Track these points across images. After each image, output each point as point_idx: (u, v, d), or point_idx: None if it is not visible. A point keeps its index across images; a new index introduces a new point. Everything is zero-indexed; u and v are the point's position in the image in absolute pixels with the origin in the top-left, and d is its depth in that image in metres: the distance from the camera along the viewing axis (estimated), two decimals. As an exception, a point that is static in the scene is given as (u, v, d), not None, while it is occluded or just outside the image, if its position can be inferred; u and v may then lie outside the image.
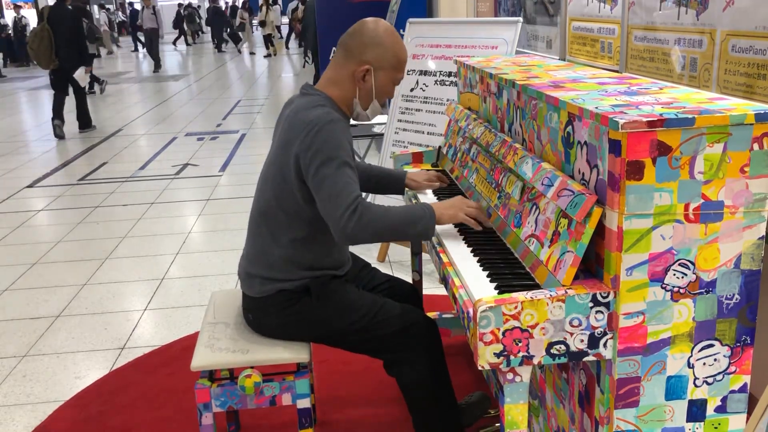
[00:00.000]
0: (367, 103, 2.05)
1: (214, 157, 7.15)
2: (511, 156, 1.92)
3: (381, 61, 1.99)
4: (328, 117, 1.89)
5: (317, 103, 1.95)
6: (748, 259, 1.46)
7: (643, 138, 1.37)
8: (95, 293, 3.78)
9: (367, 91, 2.02)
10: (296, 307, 2.02)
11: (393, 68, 2.02)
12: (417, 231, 1.91)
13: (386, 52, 2.00)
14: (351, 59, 2.00)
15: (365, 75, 1.99)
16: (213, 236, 4.66)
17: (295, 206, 1.96)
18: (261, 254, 2.04)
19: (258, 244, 2.05)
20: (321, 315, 2.02)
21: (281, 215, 1.99)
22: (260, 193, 2.06)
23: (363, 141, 4.95)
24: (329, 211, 1.84)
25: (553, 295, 1.43)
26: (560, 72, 2.17)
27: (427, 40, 3.93)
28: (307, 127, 1.88)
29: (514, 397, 1.49)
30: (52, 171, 6.80)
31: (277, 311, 2.03)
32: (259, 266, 2.04)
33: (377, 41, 1.99)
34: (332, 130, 1.87)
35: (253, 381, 1.97)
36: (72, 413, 2.64)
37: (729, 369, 1.53)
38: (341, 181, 1.84)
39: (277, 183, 1.97)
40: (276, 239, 2.01)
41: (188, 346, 3.08)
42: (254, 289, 2.05)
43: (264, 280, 2.03)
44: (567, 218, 1.54)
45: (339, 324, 2.02)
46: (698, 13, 2.31)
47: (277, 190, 1.97)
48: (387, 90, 2.06)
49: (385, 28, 2.02)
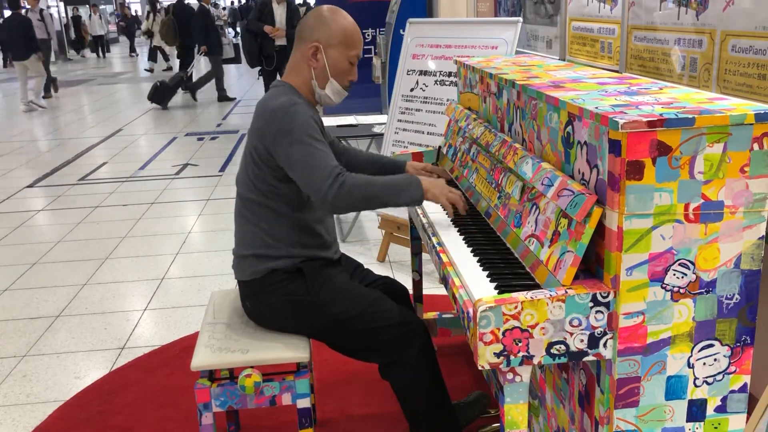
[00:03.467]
0: (324, 82, 2.09)
1: (214, 157, 7.15)
2: (511, 156, 1.92)
3: (329, 39, 2.05)
4: (290, 102, 1.97)
5: (281, 93, 2.04)
6: (748, 259, 1.46)
7: (643, 138, 1.37)
8: (95, 293, 3.78)
9: (321, 69, 2.07)
10: (290, 288, 2.05)
11: (343, 44, 2.07)
12: (404, 200, 1.97)
13: (333, 29, 2.05)
14: (302, 42, 2.08)
15: (316, 53, 2.06)
16: (213, 236, 4.66)
17: (271, 187, 2.03)
18: (248, 236, 2.10)
19: (244, 228, 2.11)
20: (315, 298, 2.04)
21: (260, 197, 2.05)
22: (239, 182, 2.13)
23: (363, 141, 4.95)
24: (310, 183, 1.91)
25: (553, 295, 1.43)
26: (560, 72, 2.17)
27: (427, 40, 3.93)
28: (272, 114, 1.97)
29: (514, 397, 1.49)
30: (52, 171, 6.80)
31: (271, 294, 2.06)
32: (248, 247, 2.09)
33: (322, 20, 2.06)
34: (296, 112, 1.95)
35: (253, 381, 1.97)
36: (72, 413, 2.64)
37: (729, 369, 1.53)
38: (316, 153, 1.92)
39: (250, 169, 2.05)
40: (260, 219, 2.07)
41: (188, 346, 3.08)
42: (246, 271, 2.09)
43: (255, 259, 2.07)
44: (567, 218, 1.54)
45: (334, 308, 2.04)
46: (698, 13, 2.31)
47: (252, 176, 2.05)
48: (342, 67, 2.09)
49: (335, 9, 2.09)
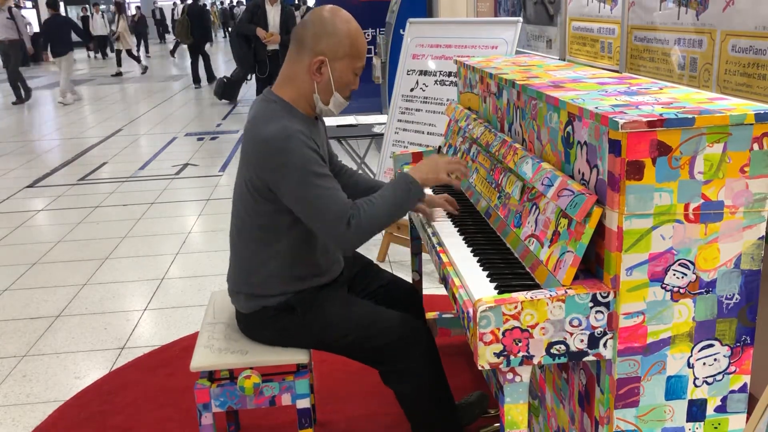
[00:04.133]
0: (327, 97, 1.92)
1: (214, 157, 7.15)
2: (511, 156, 1.92)
3: (336, 51, 1.87)
4: (284, 133, 1.79)
5: (274, 115, 1.85)
6: (748, 259, 1.46)
7: (643, 138, 1.37)
8: (95, 293, 3.78)
9: (325, 84, 1.90)
10: (282, 323, 2.00)
11: (350, 57, 1.89)
12: (411, 207, 1.97)
13: (341, 41, 1.86)
14: (304, 52, 1.88)
15: (321, 67, 1.87)
16: (213, 236, 4.66)
17: (270, 220, 1.92)
18: (243, 272, 2.01)
19: (238, 263, 2.03)
20: (309, 330, 2.00)
21: (257, 231, 1.95)
22: (234, 211, 2.01)
23: (363, 141, 4.95)
24: (322, 228, 1.83)
25: (553, 295, 1.43)
26: (560, 72, 2.17)
27: (427, 40, 3.93)
28: (265, 146, 1.80)
29: (514, 397, 1.49)
30: (52, 171, 6.80)
31: (264, 327, 2.03)
32: (241, 284, 2.02)
33: (330, 30, 1.86)
34: (292, 147, 1.79)
35: (253, 382, 1.97)
36: (72, 413, 2.64)
37: (729, 369, 1.53)
38: (324, 194, 1.80)
39: (246, 200, 1.92)
40: (256, 256, 1.97)
41: (188, 346, 3.08)
42: (240, 305, 2.05)
43: (247, 296, 2.01)
44: (567, 218, 1.54)
45: (329, 337, 1.99)
46: (698, 13, 2.31)
47: (248, 208, 1.93)
48: (347, 80, 1.92)
49: (339, 15, 1.90)
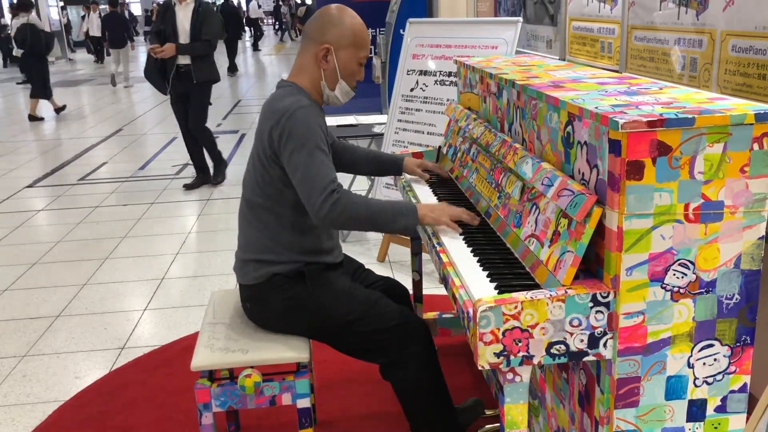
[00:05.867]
0: (334, 84, 2.09)
1: (214, 157, 7.14)
2: (511, 156, 1.92)
3: (340, 40, 2.04)
4: (297, 104, 1.96)
5: (288, 93, 2.02)
6: (748, 259, 1.46)
7: (643, 138, 1.37)
8: (95, 293, 3.78)
9: (332, 71, 2.07)
10: (292, 292, 2.05)
11: (353, 46, 2.06)
12: (398, 226, 1.98)
13: (344, 31, 2.04)
14: (312, 43, 2.06)
15: (326, 55, 2.04)
16: (213, 236, 4.66)
17: (276, 191, 2.02)
18: (252, 240, 2.09)
19: (248, 232, 2.11)
20: (317, 302, 2.04)
21: (265, 201, 2.05)
22: (245, 184, 2.12)
23: (363, 141, 4.94)
24: (305, 195, 1.93)
25: (553, 295, 1.43)
26: (560, 72, 2.17)
27: (427, 40, 3.93)
28: (278, 114, 1.95)
29: (514, 397, 1.49)
30: (52, 171, 6.80)
31: (273, 298, 2.06)
32: (251, 251, 2.09)
33: (334, 21, 2.04)
34: (302, 116, 1.94)
35: (253, 381, 1.97)
36: (72, 413, 2.64)
37: (729, 369, 1.53)
38: (314, 165, 1.91)
39: (257, 171, 2.04)
40: (264, 224, 2.07)
41: (188, 346, 3.09)
42: (249, 275, 2.09)
43: (257, 264, 2.07)
44: (567, 218, 1.54)
45: (335, 311, 2.04)
46: (698, 13, 2.31)
47: (259, 178, 2.04)
48: (352, 69, 2.09)
49: (343, 9, 2.08)
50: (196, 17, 5.43)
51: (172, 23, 5.43)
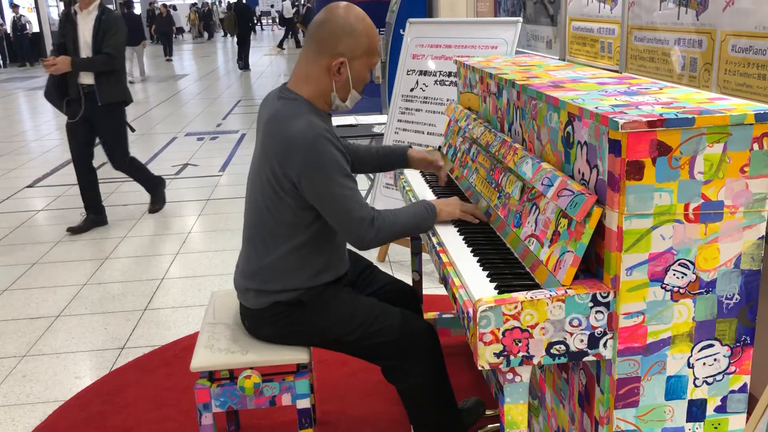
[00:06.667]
0: (345, 95, 1.99)
1: (214, 157, 7.15)
2: (511, 156, 1.92)
3: (355, 51, 1.91)
4: (311, 132, 1.82)
5: (296, 112, 1.89)
6: (748, 259, 1.46)
7: (643, 138, 1.37)
8: (95, 293, 3.78)
9: (344, 83, 1.95)
10: (291, 318, 2.01)
11: (366, 54, 1.94)
12: (422, 230, 2.03)
13: (359, 41, 1.91)
14: (324, 53, 1.91)
15: (340, 68, 1.91)
16: (213, 236, 4.66)
17: (292, 216, 1.93)
18: (256, 268, 2.01)
19: (253, 258, 2.02)
20: (315, 326, 2.01)
21: (277, 227, 1.95)
22: (252, 205, 2.01)
23: (363, 141, 4.95)
24: (343, 227, 1.91)
25: (553, 295, 1.43)
26: (560, 72, 2.17)
27: (427, 40, 3.93)
28: (292, 145, 1.83)
29: (514, 397, 1.49)
30: (52, 171, 6.80)
31: (271, 322, 2.03)
32: (255, 281, 2.01)
33: (348, 30, 1.89)
34: (320, 147, 1.82)
35: (253, 382, 1.97)
36: (72, 413, 2.64)
37: (729, 369, 1.53)
38: (346, 197, 1.87)
39: (268, 195, 1.93)
40: (273, 250, 1.97)
41: (188, 346, 3.09)
42: (249, 301, 2.04)
43: (259, 293, 2.01)
44: (567, 218, 1.54)
45: (334, 334, 2.01)
46: (698, 13, 2.31)
47: (269, 203, 1.93)
48: (364, 77, 2.00)
49: (356, 14, 1.93)
50: (98, 27, 4.49)
51: (73, 35, 4.52)
